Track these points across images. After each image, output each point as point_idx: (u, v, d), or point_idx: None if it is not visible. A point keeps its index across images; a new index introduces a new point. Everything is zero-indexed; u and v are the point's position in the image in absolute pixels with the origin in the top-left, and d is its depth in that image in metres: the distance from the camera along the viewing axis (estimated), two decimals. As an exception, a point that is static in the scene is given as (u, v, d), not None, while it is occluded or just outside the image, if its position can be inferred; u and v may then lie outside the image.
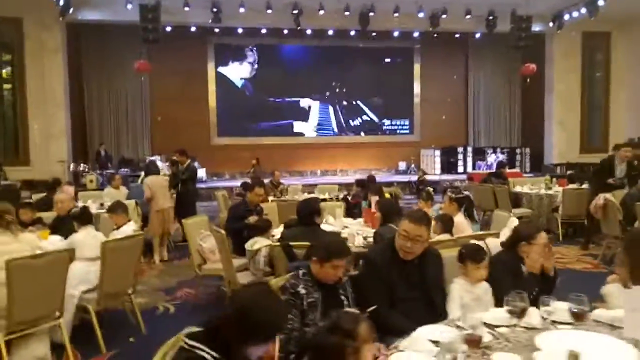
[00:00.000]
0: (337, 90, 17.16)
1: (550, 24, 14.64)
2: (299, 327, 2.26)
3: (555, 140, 15.53)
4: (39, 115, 13.48)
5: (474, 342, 1.76)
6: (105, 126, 15.91)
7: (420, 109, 17.40)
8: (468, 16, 14.14)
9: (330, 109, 17.16)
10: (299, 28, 14.15)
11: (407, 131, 17.55)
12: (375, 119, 17.43)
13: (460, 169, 15.85)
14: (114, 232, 4.09)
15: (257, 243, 3.95)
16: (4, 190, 9.37)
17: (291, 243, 3.20)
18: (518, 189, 8.05)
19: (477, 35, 15.82)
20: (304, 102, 17.04)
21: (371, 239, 3.76)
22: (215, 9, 13.42)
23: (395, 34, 15.62)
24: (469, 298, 2.47)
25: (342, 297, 2.37)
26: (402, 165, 16.91)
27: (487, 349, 1.85)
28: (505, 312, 2.07)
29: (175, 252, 6.85)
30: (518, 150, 15.99)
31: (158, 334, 4.05)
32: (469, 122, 17.58)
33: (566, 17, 14.07)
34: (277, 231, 4.28)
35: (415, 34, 15.79)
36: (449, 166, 15.81)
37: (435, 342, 1.83)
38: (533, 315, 2.07)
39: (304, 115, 17.02)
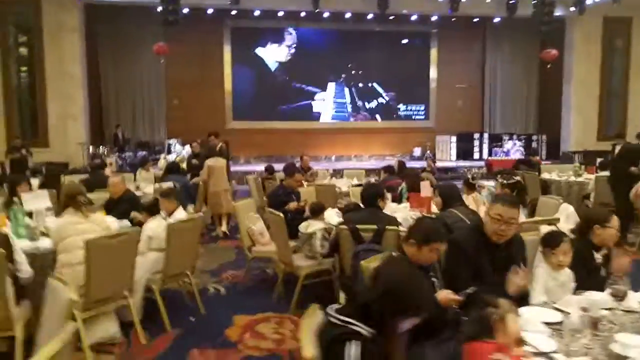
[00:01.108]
0: (353, 72, 17.04)
1: (572, 9, 14.45)
2: None
3: (573, 127, 15.46)
4: (57, 96, 13.46)
5: (594, 323, 1.80)
6: (122, 108, 15.88)
7: (437, 95, 17.30)
8: (489, 0, 14.00)
9: (346, 91, 17.06)
10: (317, 11, 14.03)
11: (423, 117, 17.48)
12: (391, 103, 17.35)
13: (477, 155, 15.81)
14: (159, 222, 4.11)
15: (312, 226, 3.98)
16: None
17: (358, 226, 3.23)
18: (546, 175, 8.04)
19: (496, 20, 15.66)
20: (320, 86, 16.94)
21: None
22: (234, -9, 13.31)
23: (413, 17, 15.50)
24: (553, 284, 2.50)
25: (433, 279, 2.41)
26: (417, 151, 16.86)
27: (596, 330, 1.89)
28: (607, 295, 2.10)
29: (209, 234, 6.90)
30: (535, 137, 15.92)
31: (215, 314, 4.20)
32: (484, 108, 17.48)
33: (588, 1, 13.88)
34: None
35: (434, 18, 15.67)
36: (465, 153, 15.78)
37: (549, 324, 1.86)
38: (632, 299, 2.10)
39: (319, 99, 16.92)
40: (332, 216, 4.25)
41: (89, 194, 5.09)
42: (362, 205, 3.63)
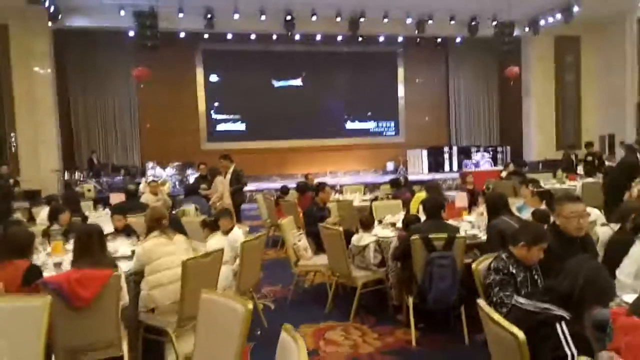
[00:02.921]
0: (325, 93, 17.49)
1: (526, 29, 15.60)
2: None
3: (533, 138, 16.53)
4: (27, 123, 13.06)
5: None
6: (93, 134, 15.60)
7: (405, 111, 18.04)
8: (452, 21, 14.89)
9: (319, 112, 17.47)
10: (290, 34, 14.41)
11: (393, 133, 18.15)
12: (362, 122, 17.91)
13: (447, 167, 16.56)
14: (219, 238, 4.25)
15: (364, 239, 4.24)
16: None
17: (430, 235, 3.52)
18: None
19: (458, 40, 16.61)
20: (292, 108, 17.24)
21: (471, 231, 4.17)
22: (209, 15, 13.49)
23: (381, 39, 16.18)
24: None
25: (536, 277, 2.74)
26: (389, 166, 17.45)
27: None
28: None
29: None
30: (499, 149, 16.88)
31: (279, 326, 4.24)
32: (450, 122, 18.39)
33: (542, 22, 15.05)
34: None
35: (400, 39, 16.42)
36: (436, 165, 16.48)
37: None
38: None
39: (291, 120, 17.18)
40: (380, 230, 4.52)
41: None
42: (424, 216, 3.91)
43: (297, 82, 17.51)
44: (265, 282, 5.54)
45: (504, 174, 9.33)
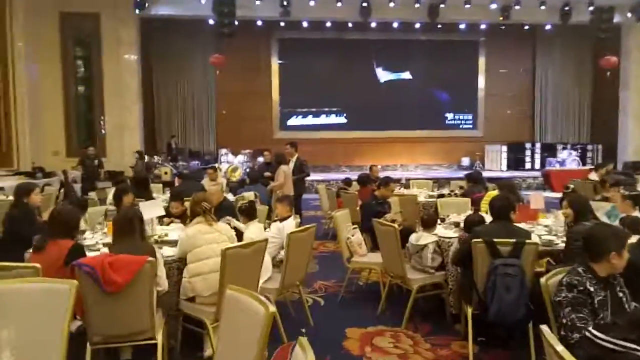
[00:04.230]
0: (401, 83, 16.95)
1: (629, 15, 14.04)
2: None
3: (630, 135, 14.95)
4: (114, 108, 13.85)
5: None
6: (173, 119, 16.25)
7: (485, 103, 17.03)
8: (542, 6, 13.75)
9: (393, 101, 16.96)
10: (366, 21, 14.05)
11: (470, 126, 17.22)
12: (438, 113, 17.16)
13: (528, 165, 15.45)
14: (276, 224, 4.12)
15: (423, 238, 3.90)
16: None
17: (495, 239, 3.12)
18: None
19: (548, 27, 15.37)
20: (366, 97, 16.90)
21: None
22: (285, 3, 13.46)
23: (462, 26, 15.35)
24: None
25: (620, 294, 2.30)
26: (465, 161, 16.60)
27: None
28: None
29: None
30: (590, 147, 15.46)
31: (325, 326, 4.08)
32: (535, 117, 17.10)
33: (647, 7, 13.46)
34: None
35: (482, 26, 15.49)
36: (516, 163, 15.43)
37: None
38: None
39: (364, 110, 16.83)
40: (442, 229, 4.15)
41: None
42: (490, 217, 3.49)
43: (373, 71, 17.08)
44: (319, 275, 5.37)
45: (593, 176, 8.21)
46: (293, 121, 16.91)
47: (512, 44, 16.54)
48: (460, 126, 17.27)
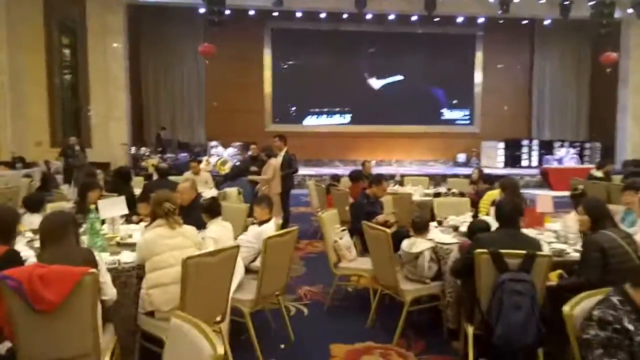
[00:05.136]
0: (395, 77, 16.53)
1: (629, 10, 13.68)
2: None
3: (629, 134, 14.64)
4: (100, 98, 13.36)
5: None
6: (162, 110, 15.76)
7: (482, 99, 16.66)
8: (541, 0, 13.37)
9: (389, 96, 16.56)
10: (364, 12, 13.62)
11: (467, 122, 16.84)
12: (434, 108, 16.77)
13: (525, 162, 15.10)
14: (254, 228, 3.69)
15: (417, 244, 3.49)
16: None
17: (502, 251, 2.72)
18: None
19: (547, 22, 15.00)
20: (361, 90, 16.49)
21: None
22: (278, -9, 12.99)
23: (459, 19, 14.97)
24: None
25: None
26: (460, 158, 16.23)
27: None
28: None
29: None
30: (588, 145, 15.14)
31: (307, 341, 3.59)
32: (532, 113, 16.75)
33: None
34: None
35: (480, 20, 15.12)
36: (513, 160, 15.07)
37: None
38: None
39: (357, 104, 16.43)
40: (438, 233, 3.74)
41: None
42: (496, 223, 3.07)
43: (365, 63, 16.64)
44: (304, 279, 4.97)
45: (596, 172, 7.85)
46: (286, 114, 16.45)
47: (510, 38, 16.17)
48: (457, 122, 16.89)
